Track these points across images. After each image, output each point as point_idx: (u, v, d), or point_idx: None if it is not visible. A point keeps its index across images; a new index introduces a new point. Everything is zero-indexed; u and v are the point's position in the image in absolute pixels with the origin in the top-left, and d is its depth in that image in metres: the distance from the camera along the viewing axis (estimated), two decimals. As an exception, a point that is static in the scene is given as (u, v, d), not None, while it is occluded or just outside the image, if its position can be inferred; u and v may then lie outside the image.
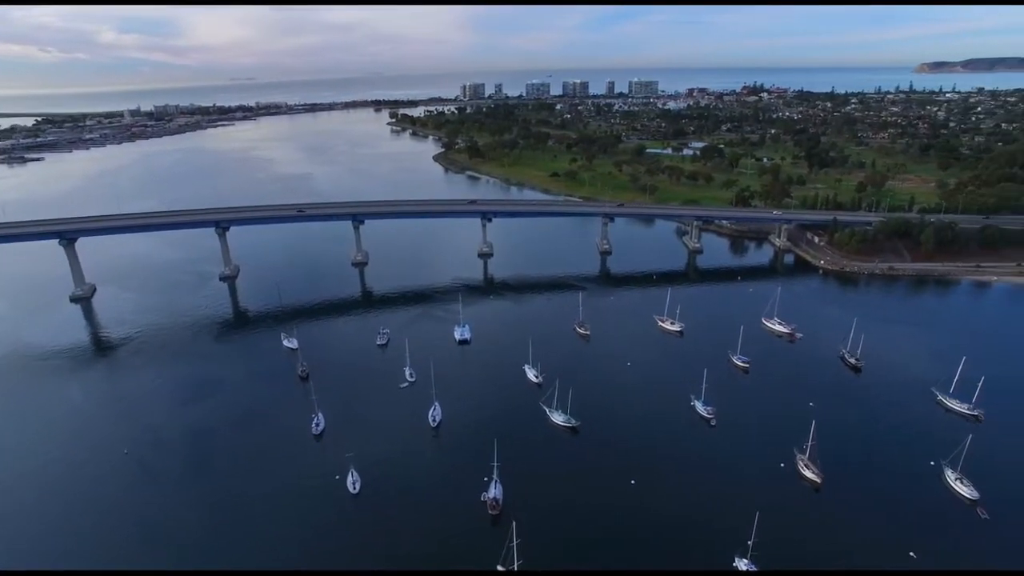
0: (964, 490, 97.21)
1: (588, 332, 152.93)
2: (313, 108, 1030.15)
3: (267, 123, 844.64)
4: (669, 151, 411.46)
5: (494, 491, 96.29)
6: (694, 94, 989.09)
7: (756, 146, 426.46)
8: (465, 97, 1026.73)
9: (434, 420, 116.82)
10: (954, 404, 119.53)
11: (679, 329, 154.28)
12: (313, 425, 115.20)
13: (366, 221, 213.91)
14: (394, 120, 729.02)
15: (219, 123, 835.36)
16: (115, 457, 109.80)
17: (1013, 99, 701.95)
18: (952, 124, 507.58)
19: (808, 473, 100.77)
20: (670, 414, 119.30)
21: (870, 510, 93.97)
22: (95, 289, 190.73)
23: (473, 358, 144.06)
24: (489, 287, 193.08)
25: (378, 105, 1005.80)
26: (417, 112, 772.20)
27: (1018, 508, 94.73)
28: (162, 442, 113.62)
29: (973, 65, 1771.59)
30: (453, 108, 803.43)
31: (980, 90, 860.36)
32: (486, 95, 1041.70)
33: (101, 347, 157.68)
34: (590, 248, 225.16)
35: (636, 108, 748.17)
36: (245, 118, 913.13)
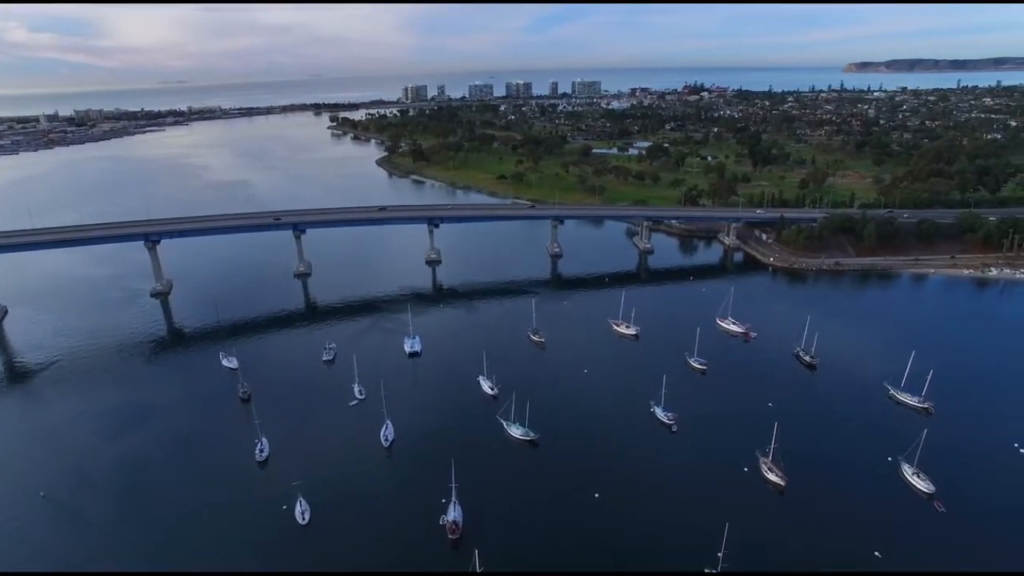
0: (921, 484, 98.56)
1: (543, 339, 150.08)
2: (250, 112, 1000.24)
3: (201, 128, 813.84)
4: (615, 151, 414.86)
5: (453, 514, 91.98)
6: (637, 94, 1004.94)
7: (700, 145, 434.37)
8: (408, 99, 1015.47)
9: (386, 439, 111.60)
10: (905, 398, 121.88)
11: (634, 332, 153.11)
12: (257, 451, 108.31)
13: (308, 230, 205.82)
14: (335, 124, 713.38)
15: (148, 129, 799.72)
16: (30, 502, 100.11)
17: (933, 98, 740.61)
18: (882, 122, 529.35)
19: (772, 476, 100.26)
20: (630, 421, 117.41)
21: (834, 510, 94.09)
22: (6, 311, 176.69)
23: (425, 371, 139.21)
24: (439, 295, 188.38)
25: (318, 108, 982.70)
26: (359, 115, 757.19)
27: (970, 499, 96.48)
28: (86, 480, 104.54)
29: (895, 66, 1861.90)
30: (395, 111, 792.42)
31: (904, 89, 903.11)
32: (429, 97, 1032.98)
33: (14, 376, 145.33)
34: (540, 252, 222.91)
35: (580, 108, 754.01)
36: (177, 123, 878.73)
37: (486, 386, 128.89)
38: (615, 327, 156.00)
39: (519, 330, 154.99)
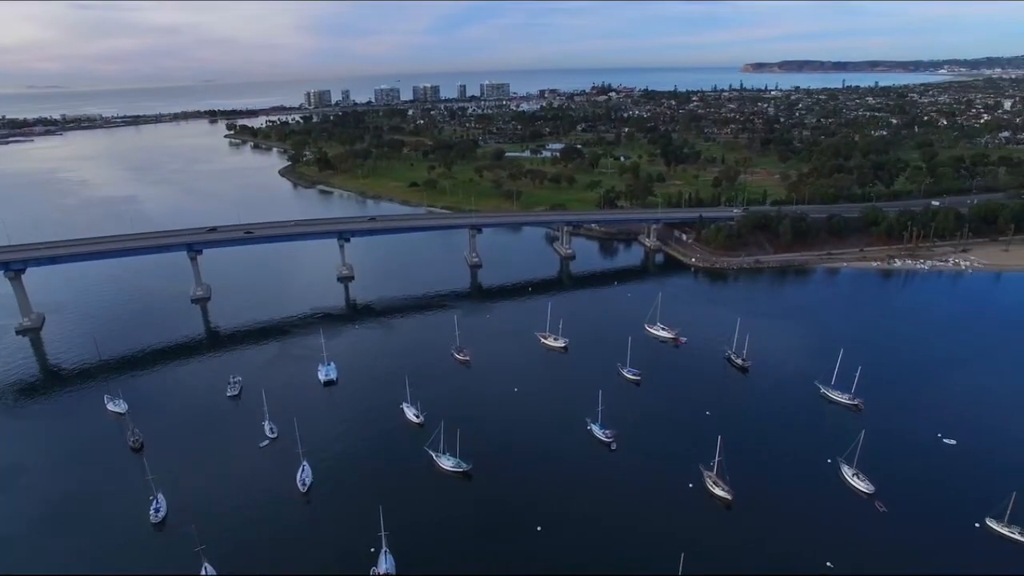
0: (861, 485, 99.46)
1: (468, 358, 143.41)
2: (136, 121, 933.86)
3: (78, 139, 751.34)
4: (528, 153, 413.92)
5: (385, 565, 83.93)
6: (546, 95, 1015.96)
7: (613, 145, 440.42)
8: (310, 105, 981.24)
9: (304, 484, 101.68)
10: (836, 395, 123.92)
11: (563, 345, 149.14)
12: (151, 511, 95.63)
13: (206, 250, 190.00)
14: (232, 132, 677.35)
15: (12, 139, 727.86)
16: None
17: (824, 97, 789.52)
18: (782, 120, 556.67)
19: (718, 490, 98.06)
20: (567, 442, 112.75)
21: (782, 521, 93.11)
22: None
23: (343, 401, 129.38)
24: (353, 314, 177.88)
25: (213, 116, 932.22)
26: (258, 123, 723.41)
27: (906, 495, 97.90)
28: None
29: (787, 66, 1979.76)
30: (298, 117, 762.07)
31: (797, 88, 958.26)
32: (333, 102, 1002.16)
33: None
34: (459, 262, 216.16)
35: (490, 111, 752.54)
36: (48, 133, 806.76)
37: (411, 414, 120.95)
38: (543, 340, 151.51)
39: (442, 349, 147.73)
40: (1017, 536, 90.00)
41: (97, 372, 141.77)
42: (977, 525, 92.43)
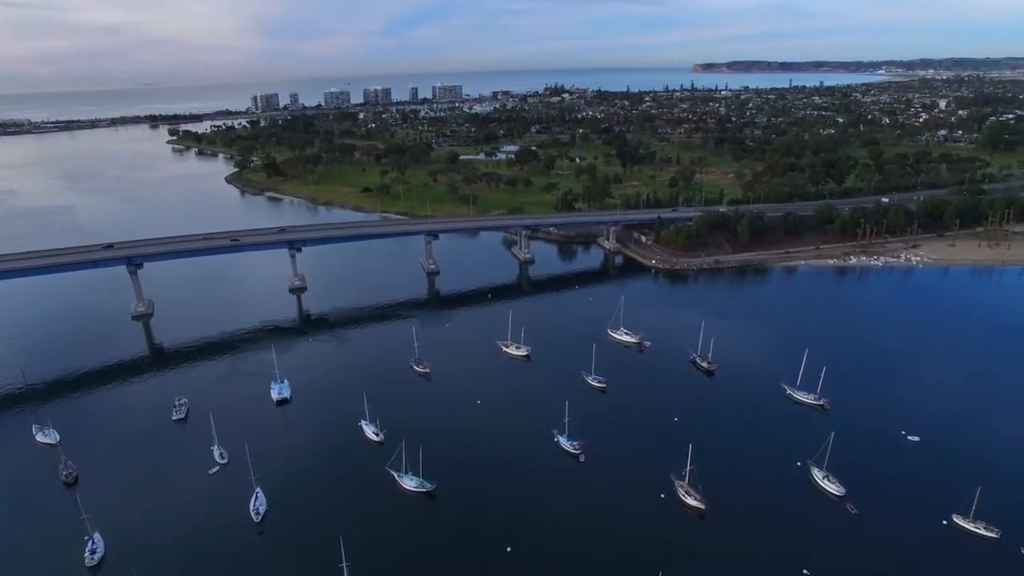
0: (832, 487, 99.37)
1: (427, 369, 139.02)
2: (70, 126, 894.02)
3: (4, 145, 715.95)
4: (482, 156, 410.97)
5: (344, 599, 79.36)
6: (499, 97, 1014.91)
7: (568, 146, 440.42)
8: (258, 109, 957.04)
9: (258, 513, 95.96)
10: (802, 396, 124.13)
11: (526, 353, 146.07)
12: (87, 552, 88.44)
13: (146, 264, 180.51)
14: (175, 138, 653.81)
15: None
16: None
17: (772, 96, 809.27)
18: (734, 119, 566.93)
19: (690, 500, 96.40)
20: (534, 456, 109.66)
21: (756, 528, 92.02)
22: None
23: (298, 420, 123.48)
24: (307, 327, 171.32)
25: (154, 121, 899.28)
26: (203, 128, 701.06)
27: (875, 494, 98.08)
28: None
29: (735, 66, 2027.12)
30: (245, 122, 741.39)
31: (746, 88, 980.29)
32: (281, 106, 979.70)
33: None
34: (415, 269, 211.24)
35: (443, 113, 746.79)
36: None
37: (370, 432, 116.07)
38: (504, 349, 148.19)
39: (401, 361, 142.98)
40: (982, 531, 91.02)
41: (25, 399, 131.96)
42: (945, 522, 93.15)
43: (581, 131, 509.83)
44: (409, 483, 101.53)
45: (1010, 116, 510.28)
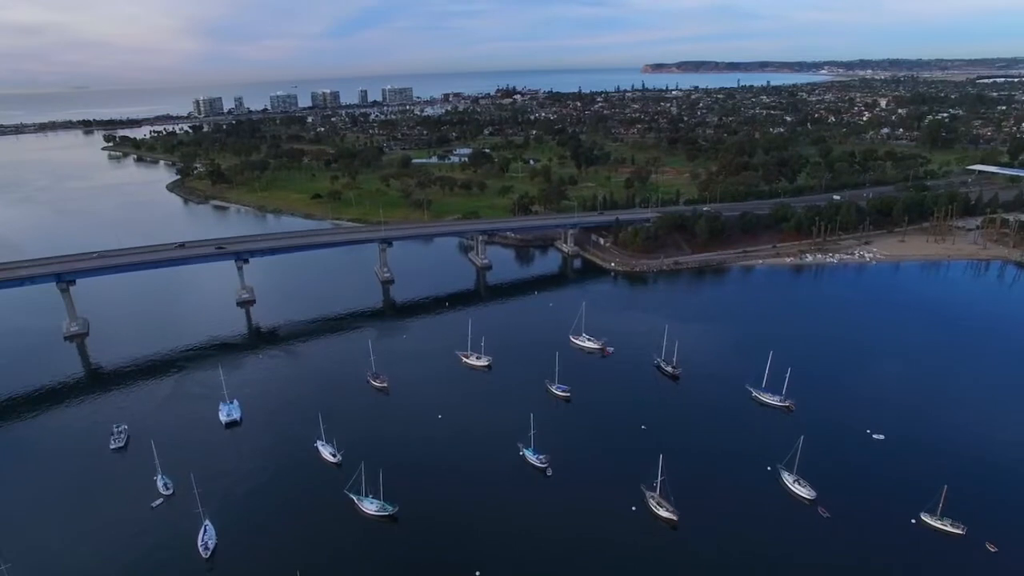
0: (803, 491, 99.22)
1: (386, 384, 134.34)
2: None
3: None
4: (435, 159, 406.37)
5: (303, 638, 74.71)
6: (450, 99, 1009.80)
7: (522, 148, 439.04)
8: (200, 114, 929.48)
9: (207, 548, 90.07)
10: (767, 398, 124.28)
11: (487, 363, 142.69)
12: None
13: (79, 280, 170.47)
14: (112, 144, 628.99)
15: None
16: None
17: (722, 96, 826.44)
18: (686, 119, 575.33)
19: (662, 512, 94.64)
20: (500, 471, 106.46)
21: (729, 537, 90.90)
22: None
23: (249, 444, 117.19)
24: (257, 343, 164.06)
25: (88, 126, 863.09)
26: (142, 133, 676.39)
27: (844, 496, 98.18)
28: None
29: (684, 67, 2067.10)
30: (187, 127, 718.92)
31: (696, 88, 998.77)
32: (225, 110, 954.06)
33: None
34: (369, 278, 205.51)
35: (394, 116, 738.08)
36: None
37: (327, 453, 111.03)
38: (464, 359, 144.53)
39: (357, 376, 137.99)
40: (949, 528, 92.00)
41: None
42: (913, 521, 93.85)
43: (535, 133, 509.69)
44: (370, 507, 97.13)
45: (944, 115, 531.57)
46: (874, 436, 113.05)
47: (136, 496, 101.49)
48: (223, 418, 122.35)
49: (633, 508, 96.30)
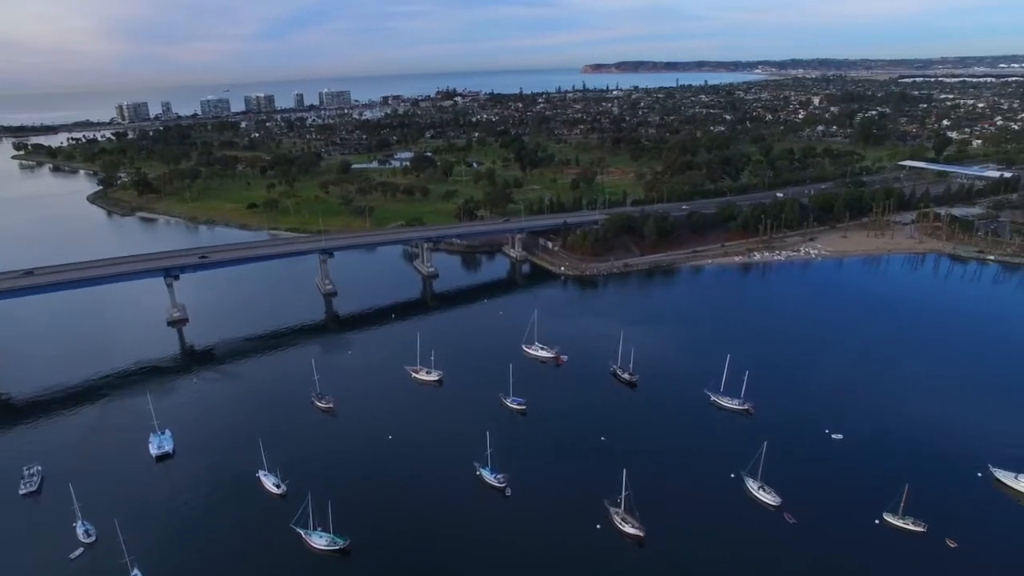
0: (768, 498, 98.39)
1: (332, 405, 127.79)
2: None
3: None
4: (376, 164, 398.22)
5: None
6: (390, 101, 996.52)
7: (464, 151, 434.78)
8: (124, 120, 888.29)
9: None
10: (726, 402, 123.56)
11: (437, 378, 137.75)
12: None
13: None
14: (23, 152, 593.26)
15: None
16: None
17: (662, 95, 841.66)
18: (627, 118, 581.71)
19: (628, 527, 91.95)
20: (456, 493, 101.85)
21: (698, 550, 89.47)
22: None
23: (183, 479, 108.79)
24: (190, 365, 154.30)
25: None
26: (59, 141, 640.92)
27: (808, 499, 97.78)
28: None
29: (623, 67, 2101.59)
30: (109, 134, 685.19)
31: (636, 88, 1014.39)
32: (152, 116, 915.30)
33: None
34: (311, 291, 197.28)
35: (331, 120, 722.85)
36: None
37: (270, 483, 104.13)
38: (414, 374, 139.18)
39: (301, 396, 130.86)
40: (911, 527, 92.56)
41: None
42: (877, 522, 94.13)
43: (477, 135, 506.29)
44: (319, 541, 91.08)
45: (874, 112, 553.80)
46: (832, 436, 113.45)
47: (52, 547, 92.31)
48: (153, 451, 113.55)
49: (598, 526, 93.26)
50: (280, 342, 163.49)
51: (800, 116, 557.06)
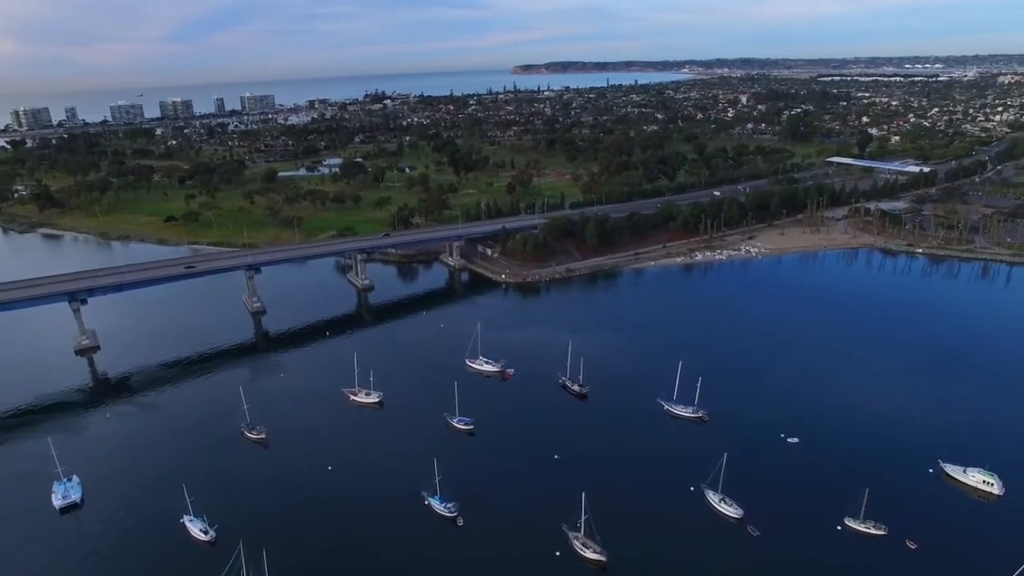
0: (730, 511, 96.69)
1: (263, 435, 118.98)
2: None
3: None
4: (303, 172, 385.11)
5: None
6: (316, 105, 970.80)
7: (396, 156, 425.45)
8: (21, 127, 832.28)
9: None
10: (680, 410, 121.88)
11: (378, 399, 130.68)
12: None
13: None
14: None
15: None
16: None
17: (593, 95, 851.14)
18: (560, 119, 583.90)
19: (589, 553, 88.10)
20: (403, 527, 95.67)
21: (663, 572, 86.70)
22: None
23: (94, 531, 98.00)
24: (102, 398, 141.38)
25: None
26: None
27: (771, 510, 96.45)
28: None
29: (553, 67, 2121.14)
30: (3, 142, 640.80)
31: (568, 88, 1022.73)
32: (55, 123, 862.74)
33: None
34: (238, 310, 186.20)
35: (255, 126, 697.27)
36: None
37: (196, 530, 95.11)
38: (352, 397, 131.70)
39: (229, 428, 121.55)
40: (872, 530, 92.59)
41: None
42: (839, 528, 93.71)
43: (408, 139, 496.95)
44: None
45: (799, 110, 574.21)
46: (788, 440, 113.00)
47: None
48: (58, 502, 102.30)
49: (557, 553, 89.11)
50: (205, 367, 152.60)
51: (730, 114, 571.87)
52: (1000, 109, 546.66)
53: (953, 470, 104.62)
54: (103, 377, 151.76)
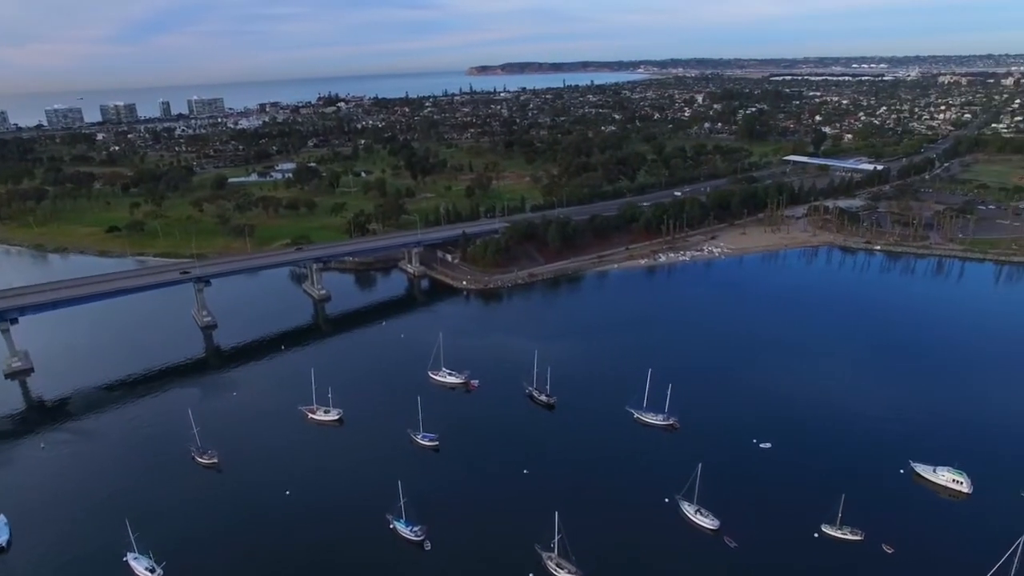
0: (706, 522, 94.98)
1: (215, 460, 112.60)
2: None
3: None
4: (255, 177, 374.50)
5: None
6: (267, 109, 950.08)
7: (351, 160, 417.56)
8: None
9: None
10: (650, 418, 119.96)
11: (337, 417, 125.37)
12: None
13: None
14: None
15: None
16: None
17: (550, 96, 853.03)
18: (518, 120, 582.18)
19: (564, 573, 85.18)
20: (367, 553, 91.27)
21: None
22: None
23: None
24: (35, 426, 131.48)
25: None
26: None
27: (747, 519, 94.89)
28: None
29: (509, 68, 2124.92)
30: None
31: (524, 89, 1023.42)
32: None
33: None
34: (187, 325, 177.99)
35: (203, 130, 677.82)
36: None
37: (142, 569, 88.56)
38: (311, 415, 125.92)
39: (177, 453, 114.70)
40: (849, 536, 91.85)
41: None
42: (816, 535, 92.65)
43: (363, 142, 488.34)
44: (203, 636, 77.81)
45: (754, 109, 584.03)
46: (761, 446, 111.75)
47: None
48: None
49: (531, 575, 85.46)
50: (151, 388, 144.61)
51: (686, 114, 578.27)
52: (943, 108, 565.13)
53: (924, 470, 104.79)
54: (37, 402, 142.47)
